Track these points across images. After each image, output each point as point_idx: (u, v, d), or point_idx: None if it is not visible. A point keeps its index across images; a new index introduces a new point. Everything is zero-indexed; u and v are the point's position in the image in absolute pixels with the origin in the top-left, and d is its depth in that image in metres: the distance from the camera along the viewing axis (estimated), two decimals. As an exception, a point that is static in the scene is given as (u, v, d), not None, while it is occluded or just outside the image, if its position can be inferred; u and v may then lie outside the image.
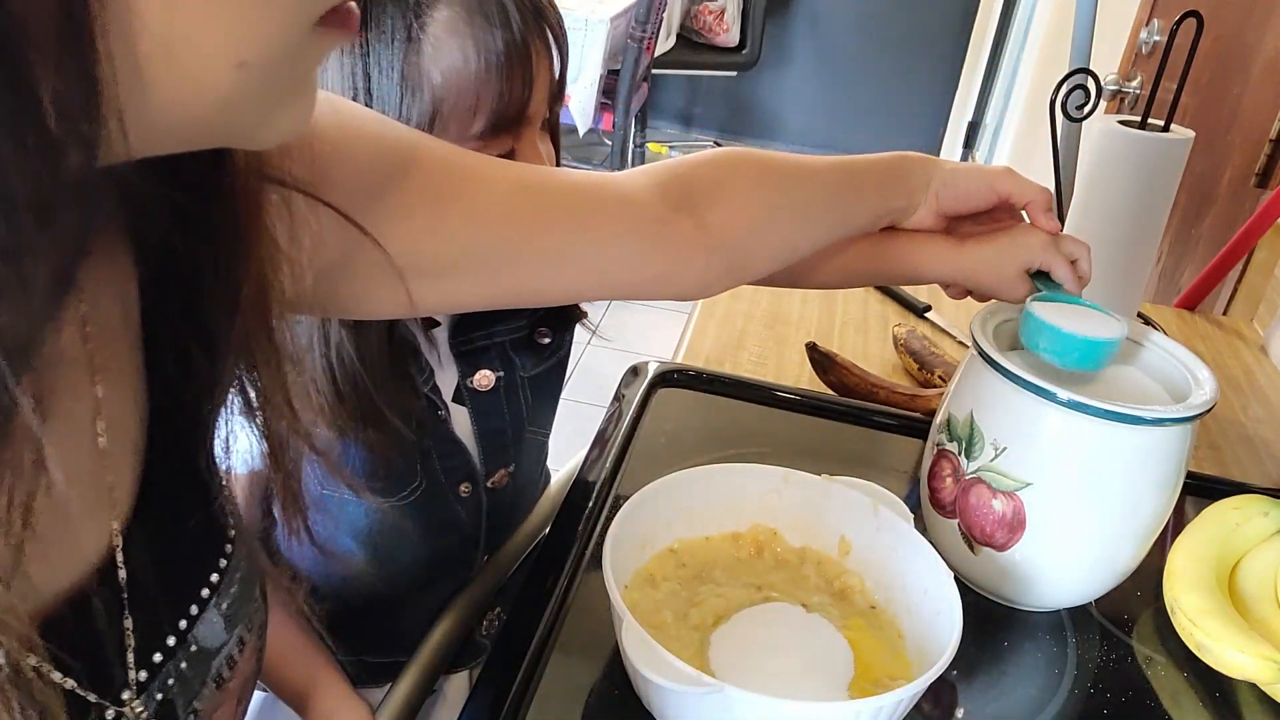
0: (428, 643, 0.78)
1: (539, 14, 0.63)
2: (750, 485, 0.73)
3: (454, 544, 0.81)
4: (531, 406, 0.81)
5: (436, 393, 0.73)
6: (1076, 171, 1.10)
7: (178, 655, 0.40)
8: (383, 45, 0.59)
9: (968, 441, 0.71)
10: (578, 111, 2.83)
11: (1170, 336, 0.75)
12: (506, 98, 0.62)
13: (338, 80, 0.60)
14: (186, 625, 0.41)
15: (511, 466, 0.81)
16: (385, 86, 0.60)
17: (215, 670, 0.43)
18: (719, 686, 0.54)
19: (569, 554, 0.74)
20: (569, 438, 0.83)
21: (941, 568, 0.65)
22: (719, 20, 3.77)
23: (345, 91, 0.60)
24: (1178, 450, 0.67)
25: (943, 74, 4.08)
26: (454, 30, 0.60)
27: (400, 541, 0.77)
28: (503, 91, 0.62)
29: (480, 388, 0.77)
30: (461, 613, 0.81)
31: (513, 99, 0.63)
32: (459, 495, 0.77)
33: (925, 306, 1.20)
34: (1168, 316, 1.29)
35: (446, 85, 0.61)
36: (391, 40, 0.59)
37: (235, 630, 0.44)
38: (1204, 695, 0.69)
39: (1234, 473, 0.97)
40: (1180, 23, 0.94)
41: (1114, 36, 1.79)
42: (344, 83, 0.60)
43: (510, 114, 0.63)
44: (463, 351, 0.76)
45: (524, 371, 0.79)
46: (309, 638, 0.75)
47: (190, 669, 0.41)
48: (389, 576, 0.79)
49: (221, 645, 0.43)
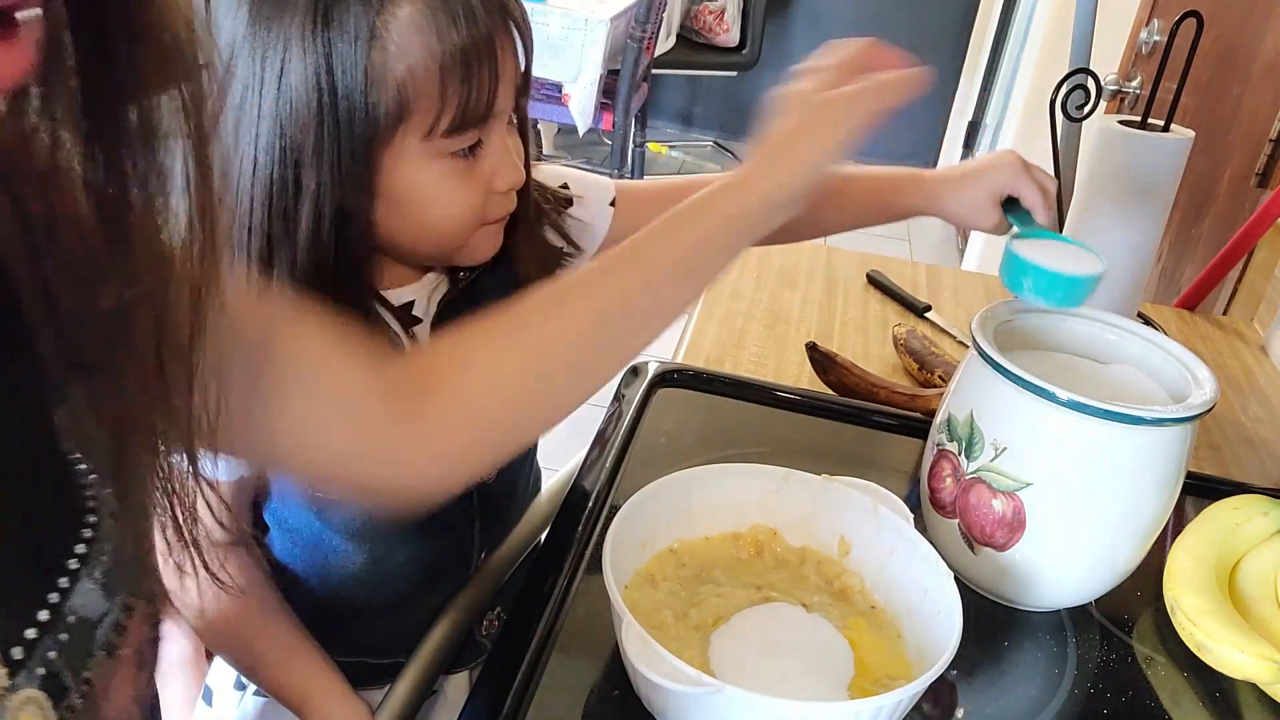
0: (426, 643, 0.78)
1: (504, 8, 0.63)
2: (750, 485, 0.73)
3: (449, 542, 0.80)
4: None
5: None
6: (1076, 171, 1.10)
7: (55, 628, 0.40)
8: (345, 43, 0.59)
9: (968, 441, 0.71)
10: (578, 111, 2.83)
11: (1170, 336, 0.75)
12: (473, 94, 0.62)
13: (301, 80, 0.60)
14: (59, 598, 0.41)
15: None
16: (349, 84, 0.60)
17: (102, 639, 0.43)
18: (719, 687, 0.54)
19: (569, 554, 0.74)
20: (569, 438, 0.83)
21: (941, 568, 0.65)
22: (719, 20, 3.77)
23: (310, 90, 0.60)
24: (1178, 450, 0.67)
25: (943, 74, 4.08)
26: (417, 27, 0.60)
27: (396, 541, 0.77)
28: (469, 88, 0.62)
29: None
30: (461, 613, 0.81)
31: (479, 95, 0.63)
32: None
33: (925, 306, 1.20)
34: (1168, 316, 1.29)
35: (412, 82, 0.61)
36: (354, 38, 0.59)
37: (117, 598, 0.44)
38: (1204, 695, 0.69)
39: (1234, 473, 0.97)
40: (1180, 23, 0.94)
41: (1114, 36, 1.79)
42: (308, 82, 0.60)
43: (476, 110, 0.63)
44: None
45: None
46: (306, 641, 0.75)
47: (73, 640, 0.41)
48: (386, 576, 0.79)
49: (104, 614, 0.43)
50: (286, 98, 0.60)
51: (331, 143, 0.61)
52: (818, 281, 1.27)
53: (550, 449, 0.92)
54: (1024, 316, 0.76)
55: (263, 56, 0.60)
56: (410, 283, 0.73)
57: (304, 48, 0.59)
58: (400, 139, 0.63)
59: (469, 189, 0.67)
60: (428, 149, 0.64)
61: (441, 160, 0.65)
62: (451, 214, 0.67)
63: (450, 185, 0.66)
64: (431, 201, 0.66)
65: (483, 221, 0.69)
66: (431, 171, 0.65)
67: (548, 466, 0.95)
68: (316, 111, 0.60)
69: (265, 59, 0.60)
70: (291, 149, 0.61)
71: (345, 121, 0.61)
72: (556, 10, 2.72)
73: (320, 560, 0.77)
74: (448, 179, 0.66)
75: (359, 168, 0.62)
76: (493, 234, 0.72)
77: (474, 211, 0.68)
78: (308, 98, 0.60)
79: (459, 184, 0.66)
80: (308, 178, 0.62)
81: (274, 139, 0.61)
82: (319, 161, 0.61)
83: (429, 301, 0.74)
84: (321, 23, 0.59)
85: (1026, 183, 0.77)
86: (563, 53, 2.75)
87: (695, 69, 3.86)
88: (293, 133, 0.61)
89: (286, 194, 0.62)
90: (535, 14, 2.71)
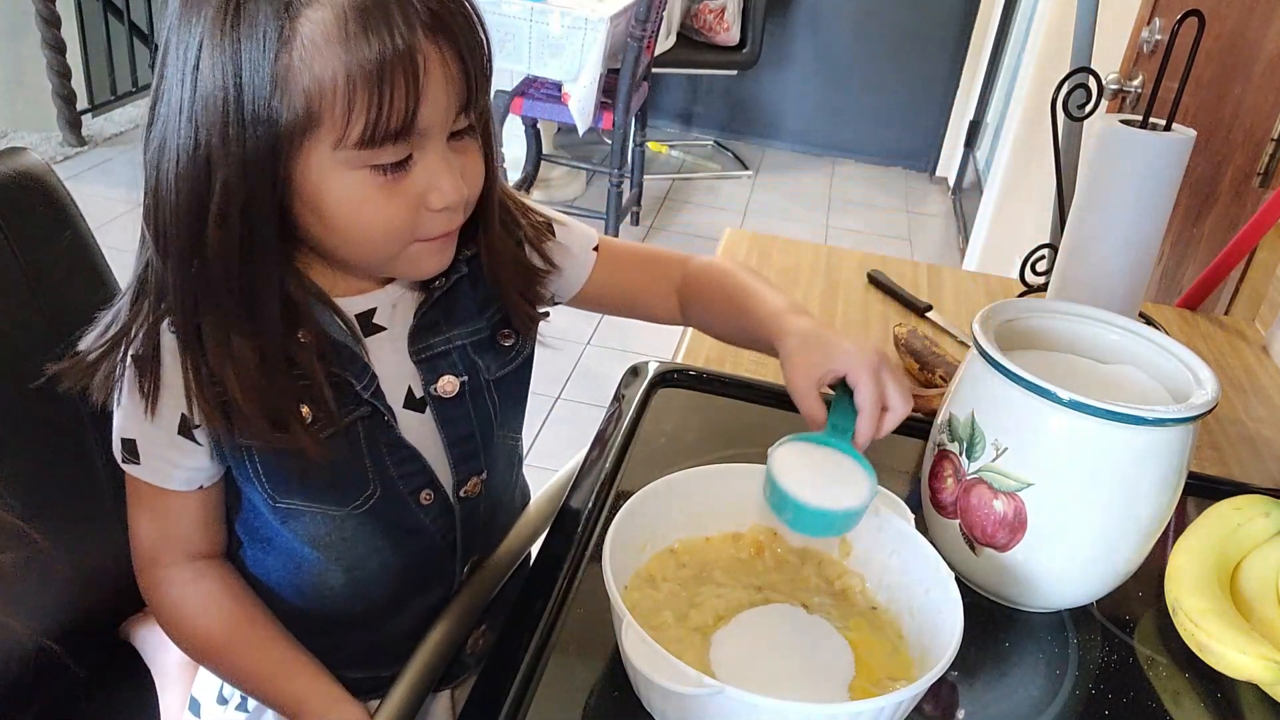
0: (417, 655, 0.77)
1: (435, 19, 0.60)
2: (750, 485, 0.73)
3: (424, 552, 0.79)
4: (500, 409, 0.79)
5: (380, 398, 0.71)
6: (1078, 171, 1.10)
7: None
8: (253, 44, 0.58)
9: (969, 442, 0.70)
10: (577, 111, 2.83)
11: (1172, 336, 0.75)
12: (386, 109, 0.59)
13: (211, 76, 0.59)
14: None
15: (484, 474, 0.79)
16: (256, 85, 0.58)
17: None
18: (719, 688, 0.54)
19: (569, 554, 0.74)
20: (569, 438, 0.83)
21: (942, 568, 0.65)
22: (719, 19, 3.77)
23: (217, 89, 0.59)
24: (1179, 450, 0.67)
25: (943, 73, 4.08)
26: (327, 34, 0.58)
27: (366, 550, 0.76)
28: (381, 102, 0.59)
29: (445, 394, 0.75)
30: (450, 625, 0.80)
31: (392, 110, 0.59)
32: (420, 503, 0.75)
33: (926, 306, 1.20)
34: (1169, 316, 1.29)
35: (318, 91, 0.59)
36: (263, 39, 0.58)
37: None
38: (1205, 696, 0.69)
39: (1235, 473, 0.97)
40: (1182, 22, 0.93)
41: (1115, 36, 1.79)
42: (216, 80, 0.59)
43: (389, 125, 0.60)
44: (423, 358, 0.74)
45: (489, 374, 0.77)
46: (299, 652, 0.74)
47: None
48: (361, 586, 0.77)
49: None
50: (200, 92, 0.59)
51: (237, 143, 0.60)
52: (819, 281, 1.27)
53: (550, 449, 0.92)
54: (1025, 316, 0.76)
55: (185, 49, 0.60)
56: (369, 290, 0.72)
57: (215, 44, 0.58)
58: (310, 146, 0.61)
59: (394, 204, 0.64)
60: (342, 158, 0.61)
61: (360, 171, 0.62)
62: (375, 227, 0.64)
63: (372, 198, 0.63)
64: (352, 213, 0.63)
65: (416, 238, 0.66)
66: (348, 181, 0.62)
67: (548, 467, 0.95)
68: (223, 109, 0.59)
69: (185, 52, 0.60)
70: (203, 144, 0.60)
71: (250, 122, 0.59)
72: (556, 9, 2.72)
73: (294, 570, 0.77)
74: (369, 191, 0.63)
75: (265, 168, 0.61)
76: (433, 251, 0.69)
77: (402, 227, 0.65)
78: (215, 95, 0.59)
79: (382, 198, 0.63)
80: (217, 172, 0.60)
81: (190, 133, 0.60)
82: (225, 159, 0.60)
83: (394, 310, 0.73)
84: (232, 21, 0.58)
85: (867, 380, 0.67)
86: (563, 52, 2.75)
87: (695, 68, 3.86)
88: (205, 127, 0.60)
89: (200, 188, 0.61)
90: (535, 14, 2.72)
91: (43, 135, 3.52)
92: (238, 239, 0.62)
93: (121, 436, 0.70)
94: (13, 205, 0.82)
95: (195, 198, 0.61)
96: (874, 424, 0.67)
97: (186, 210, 0.62)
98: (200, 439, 0.69)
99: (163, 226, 0.63)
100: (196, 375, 0.66)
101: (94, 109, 3.67)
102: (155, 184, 0.63)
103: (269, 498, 0.71)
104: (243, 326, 0.65)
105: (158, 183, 0.63)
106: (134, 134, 3.68)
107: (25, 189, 0.83)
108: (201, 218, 0.62)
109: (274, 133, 0.60)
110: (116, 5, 3.70)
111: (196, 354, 0.65)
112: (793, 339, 0.72)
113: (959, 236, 3.62)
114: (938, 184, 4.20)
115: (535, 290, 0.80)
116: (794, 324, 0.73)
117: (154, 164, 0.63)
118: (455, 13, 0.61)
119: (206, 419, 0.67)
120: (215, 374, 0.65)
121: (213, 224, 0.61)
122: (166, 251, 0.64)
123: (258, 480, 0.70)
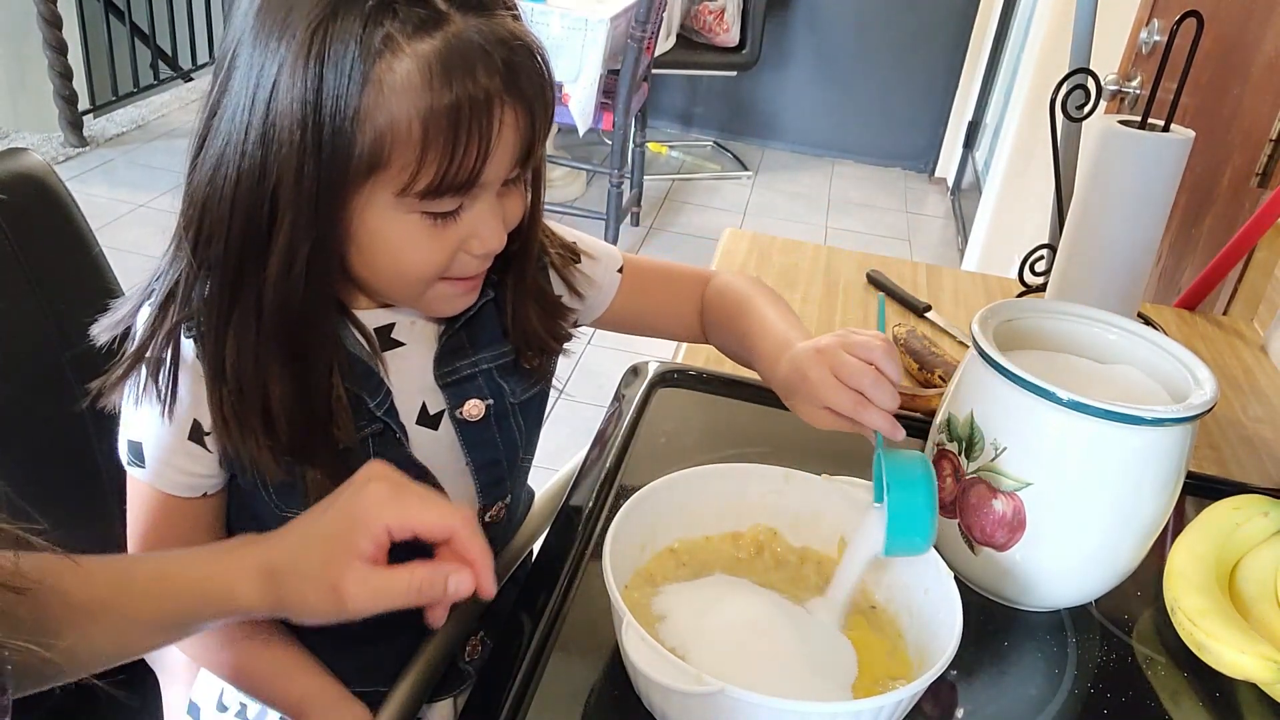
0: (418, 657, 0.76)
1: (511, 77, 0.60)
2: (750, 485, 0.73)
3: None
4: (525, 432, 0.79)
5: (393, 414, 0.71)
6: (1076, 171, 1.10)
7: None
8: (337, 77, 0.57)
9: (968, 441, 0.71)
10: (578, 111, 2.83)
11: (1170, 336, 0.75)
12: (455, 164, 0.59)
13: (287, 103, 0.58)
14: None
15: (508, 499, 0.79)
16: (336, 120, 0.58)
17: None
18: (720, 687, 0.54)
19: (569, 554, 0.74)
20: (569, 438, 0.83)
21: (942, 568, 0.65)
22: (719, 20, 3.77)
23: (295, 121, 0.58)
24: (1178, 450, 0.67)
25: (943, 74, 4.08)
26: (408, 84, 0.58)
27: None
28: (451, 157, 0.59)
29: (470, 418, 0.74)
30: (450, 625, 0.79)
31: (462, 166, 0.60)
32: None
33: (925, 306, 1.20)
34: (1168, 316, 1.29)
35: (391, 135, 0.58)
36: (348, 79, 0.57)
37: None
38: (1204, 695, 0.69)
39: (1234, 473, 0.97)
40: (1180, 22, 0.94)
41: (1114, 36, 1.79)
42: (293, 110, 0.58)
43: (456, 180, 0.60)
44: (449, 382, 0.73)
45: (514, 398, 0.77)
46: (299, 652, 0.74)
47: None
48: None
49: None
50: (274, 119, 0.58)
51: (311, 179, 0.59)
52: (818, 282, 1.27)
53: (550, 449, 0.92)
54: (1024, 316, 0.76)
55: (260, 71, 0.59)
56: (389, 305, 0.72)
57: (297, 72, 0.58)
58: (371, 188, 0.61)
59: (435, 247, 0.64)
60: (401, 203, 0.61)
61: (412, 215, 0.62)
62: (414, 267, 0.65)
63: (417, 241, 0.63)
64: (395, 253, 0.64)
65: (444, 277, 0.67)
66: (398, 224, 0.62)
67: (548, 467, 0.95)
68: (299, 141, 0.58)
69: (260, 74, 0.59)
70: (271, 173, 0.59)
71: (327, 160, 0.59)
72: (556, 10, 2.72)
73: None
74: (415, 234, 0.63)
75: (333, 207, 0.61)
76: (459, 293, 0.69)
77: (436, 268, 0.65)
78: (292, 124, 0.58)
79: (426, 240, 0.63)
80: (284, 208, 0.60)
81: (257, 160, 0.59)
82: (296, 195, 0.59)
83: (413, 326, 0.73)
84: (318, 51, 0.57)
85: (832, 394, 0.67)
86: (563, 53, 2.75)
87: (695, 69, 3.86)
88: (275, 156, 0.59)
89: (258, 216, 0.60)
90: (535, 14, 2.72)
91: (44, 136, 3.52)
92: (302, 274, 0.62)
93: (129, 439, 0.69)
94: (14, 206, 0.82)
95: (253, 225, 0.61)
96: (867, 413, 0.66)
97: (241, 234, 0.61)
98: (210, 446, 0.68)
99: (210, 246, 0.63)
100: (222, 385, 0.65)
101: (95, 110, 3.67)
102: (204, 202, 0.62)
103: (275, 507, 0.71)
104: (282, 350, 0.64)
105: (206, 201, 0.62)
106: (135, 135, 3.68)
107: (26, 190, 0.84)
108: (260, 247, 0.61)
109: (345, 170, 0.59)
110: (118, 6, 3.71)
111: (226, 366, 0.65)
112: (780, 389, 0.73)
113: (958, 237, 3.62)
114: (937, 184, 4.20)
115: (558, 325, 0.79)
116: (777, 374, 0.73)
117: (206, 182, 0.62)
118: (531, 71, 0.62)
119: (223, 429, 0.66)
120: (247, 388, 0.64)
121: (277, 257, 0.61)
122: (205, 267, 0.63)
123: (264, 489, 0.70)
